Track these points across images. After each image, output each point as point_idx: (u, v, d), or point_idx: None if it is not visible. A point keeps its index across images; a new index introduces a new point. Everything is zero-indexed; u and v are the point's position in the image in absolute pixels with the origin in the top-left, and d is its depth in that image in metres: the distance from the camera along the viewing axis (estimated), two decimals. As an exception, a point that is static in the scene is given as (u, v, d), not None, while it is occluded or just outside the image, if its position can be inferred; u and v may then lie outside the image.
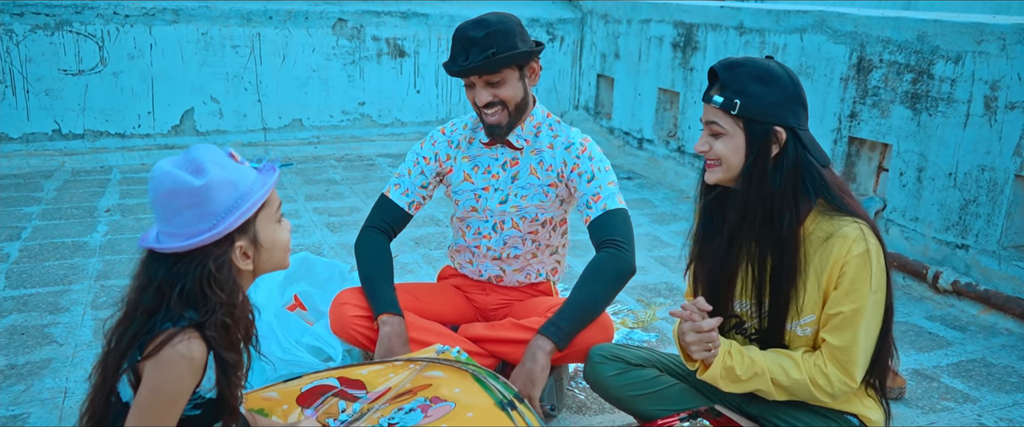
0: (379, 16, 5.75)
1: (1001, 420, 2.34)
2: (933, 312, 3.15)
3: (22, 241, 3.63)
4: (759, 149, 1.62)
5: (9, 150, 5.02)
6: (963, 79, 3.21)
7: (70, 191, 4.52)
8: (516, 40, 2.10)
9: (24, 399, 2.27)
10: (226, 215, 1.37)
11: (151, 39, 5.19)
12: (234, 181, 1.38)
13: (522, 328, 2.24)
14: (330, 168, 5.33)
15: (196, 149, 1.40)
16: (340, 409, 1.76)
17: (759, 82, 1.61)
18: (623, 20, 5.71)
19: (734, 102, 1.61)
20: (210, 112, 5.45)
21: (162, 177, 1.36)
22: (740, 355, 1.71)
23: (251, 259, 1.43)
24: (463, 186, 2.33)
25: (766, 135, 1.61)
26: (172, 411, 1.33)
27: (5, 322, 2.76)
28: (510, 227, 2.31)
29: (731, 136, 1.64)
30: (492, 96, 2.13)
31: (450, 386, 1.82)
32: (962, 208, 3.25)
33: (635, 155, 5.60)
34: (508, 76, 2.12)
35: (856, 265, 1.61)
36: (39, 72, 5.00)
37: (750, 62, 1.63)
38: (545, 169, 2.25)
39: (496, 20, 2.09)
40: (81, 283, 3.14)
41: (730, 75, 1.63)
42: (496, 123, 2.18)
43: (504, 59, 2.06)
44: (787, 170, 1.62)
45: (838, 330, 1.65)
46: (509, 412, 1.74)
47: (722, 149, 1.65)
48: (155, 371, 1.31)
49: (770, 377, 1.70)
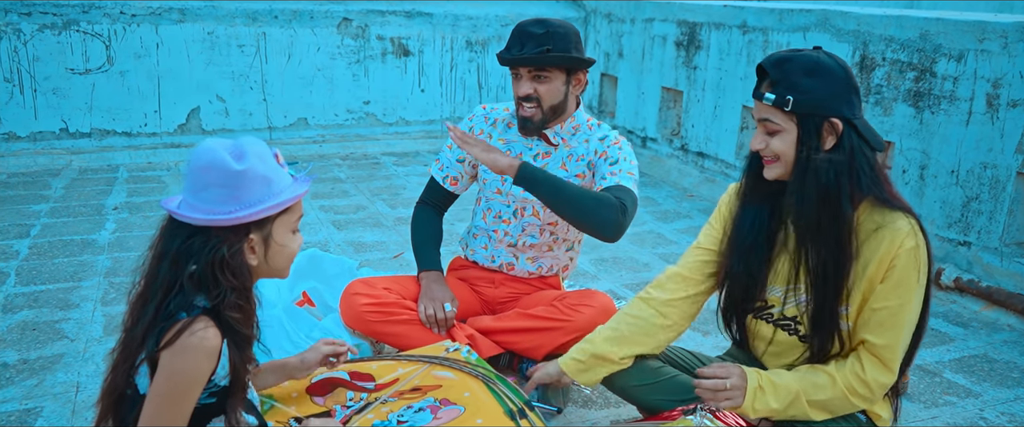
0: (383, 15, 5.77)
1: (1002, 415, 2.36)
2: (935, 308, 3.17)
3: (31, 238, 3.66)
4: (814, 143, 1.60)
5: (17, 148, 5.05)
6: (965, 77, 3.23)
7: (78, 189, 4.55)
8: (571, 46, 2.23)
9: (37, 393, 2.30)
10: (252, 205, 1.39)
11: (157, 38, 5.22)
12: (269, 178, 1.41)
13: (528, 317, 2.28)
14: (335, 167, 5.36)
15: (246, 139, 1.43)
16: (348, 398, 1.79)
17: (809, 76, 1.59)
18: (627, 19, 5.73)
19: (786, 98, 1.59)
20: (216, 111, 5.48)
21: (205, 151, 1.38)
22: (772, 386, 1.69)
23: (257, 256, 1.45)
24: (491, 183, 2.42)
25: (820, 128, 1.60)
26: (189, 398, 1.36)
27: (17, 318, 2.79)
28: (530, 214, 2.40)
29: (786, 132, 1.62)
30: (533, 90, 2.25)
31: (460, 390, 1.85)
32: (964, 205, 3.27)
33: (639, 154, 5.62)
34: (554, 76, 2.25)
35: (906, 259, 1.61)
36: (47, 71, 5.03)
37: (798, 56, 1.62)
38: (575, 161, 2.34)
39: (557, 23, 2.24)
40: (90, 280, 3.17)
41: (779, 71, 1.61)
42: (528, 117, 2.29)
43: (555, 58, 2.20)
44: (843, 162, 1.60)
45: (881, 327, 1.64)
46: (518, 421, 1.76)
47: (778, 146, 1.64)
48: (173, 359, 1.34)
49: (805, 399, 1.68)
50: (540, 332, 2.27)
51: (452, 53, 6.03)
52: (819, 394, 1.67)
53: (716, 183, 4.82)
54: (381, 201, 4.50)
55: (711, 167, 4.94)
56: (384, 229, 3.99)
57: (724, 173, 4.80)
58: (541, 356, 2.29)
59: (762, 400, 1.68)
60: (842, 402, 1.68)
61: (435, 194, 2.54)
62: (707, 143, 4.95)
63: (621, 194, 2.15)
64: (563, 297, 2.33)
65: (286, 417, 1.71)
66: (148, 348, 1.38)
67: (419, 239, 2.49)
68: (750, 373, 1.71)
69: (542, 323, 2.26)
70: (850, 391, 1.66)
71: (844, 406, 1.68)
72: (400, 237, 3.85)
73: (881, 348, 1.64)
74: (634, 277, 3.43)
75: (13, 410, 2.21)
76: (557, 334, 2.24)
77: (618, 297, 3.18)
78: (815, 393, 1.67)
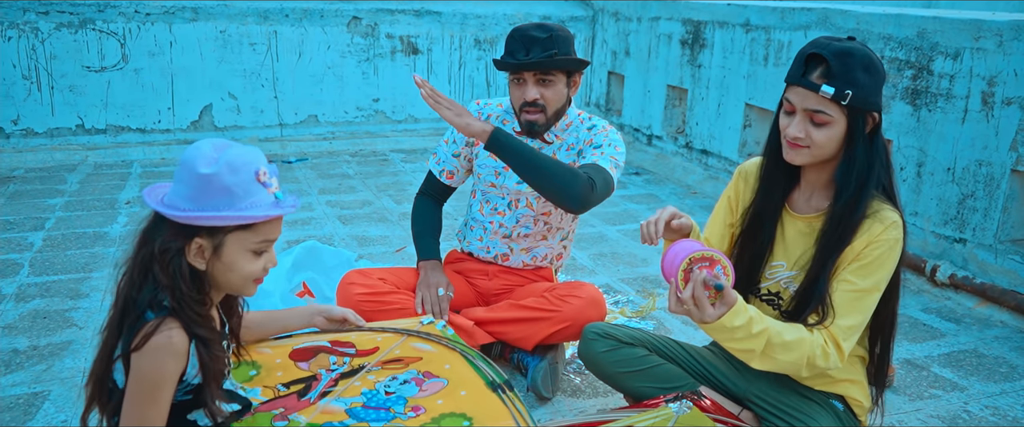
0: (393, 14, 5.85)
1: (987, 408, 2.39)
2: (929, 305, 3.20)
3: (45, 231, 3.77)
4: (861, 136, 1.65)
5: (35, 144, 5.18)
6: (961, 75, 3.25)
7: (92, 184, 4.66)
8: (571, 48, 2.31)
9: (45, 378, 2.39)
10: (199, 210, 1.38)
11: (171, 37, 5.33)
12: (233, 191, 1.39)
13: (519, 307, 2.34)
14: (344, 163, 5.44)
15: (240, 149, 1.42)
16: (331, 361, 1.86)
17: (866, 72, 1.62)
18: (633, 18, 5.77)
19: (846, 93, 1.60)
20: (228, 108, 5.58)
21: (193, 148, 1.41)
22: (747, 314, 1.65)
23: (206, 262, 1.43)
24: (487, 161, 2.48)
25: (863, 123, 1.65)
26: (160, 397, 1.41)
27: (29, 306, 2.89)
28: (524, 206, 2.46)
29: (835, 124, 1.64)
30: (539, 94, 2.30)
31: (440, 362, 1.92)
32: (960, 202, 3.29)
33: (644, 151, 5.66)
34: (558, 79, 2.31)
35: (885, 249, 1.67)
36: (63, 69, 5.15)
37: (857, 50, 1.63)
38: (566, 149, 2.41)
39: (557, 27, 2.30)
40: (101, 271, 3.27)
41: (842, 64, 1.60)
42: (534, 121, 2.34)
43: (562, 61, 2.26)
44: (876, 153, 1.67)
45: (844, 307, 1.68)
46: (500, 394, 1.82)
47: (821, 137, 1.65)
48: (140, 361, 1.38)
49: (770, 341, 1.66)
50: (530, 322, 2.33)
51: (460, 51, 6.10)
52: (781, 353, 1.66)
53: (719, 180, 4.85)
54: (387, 197, 4.58)
55: (715, 164, 4.97)
56: (389, 224, 4.06)
57: (727, 171, 4.84)
58: (531, 346, 2.35)
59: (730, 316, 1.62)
60: (793, 366, 1.68)
61: (433, 187, 2.61)
62: (711, 141, 4.98)
63: (592, 172, 2.20)
64: (552, 289, 2.39)
65: (274, 383, 1.78)
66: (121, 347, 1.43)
67: (418, 229, 2.57)
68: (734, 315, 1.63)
69: (532, 313, 2.32)
70: (810, 360, 1.67)
71: (796, 367, 1.68)
72: (404, 231, 3.92)
73: (843, 329, 1.68)
74: (631, 272, 3.47)
75: (22, 393, 2.30)
76: (545, 324, 2.30)
77: (615, 291, 3.23)
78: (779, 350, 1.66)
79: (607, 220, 4.24)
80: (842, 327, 1.68)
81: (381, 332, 2.05)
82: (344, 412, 1.70)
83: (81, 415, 1.52)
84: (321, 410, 1.70)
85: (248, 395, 1.73)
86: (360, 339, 2.00)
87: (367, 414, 1.69)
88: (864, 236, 1.68)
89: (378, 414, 1.70)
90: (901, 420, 2.30)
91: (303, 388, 1.80)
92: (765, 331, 1.64)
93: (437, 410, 1.72)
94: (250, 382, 1.80)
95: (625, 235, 4.00)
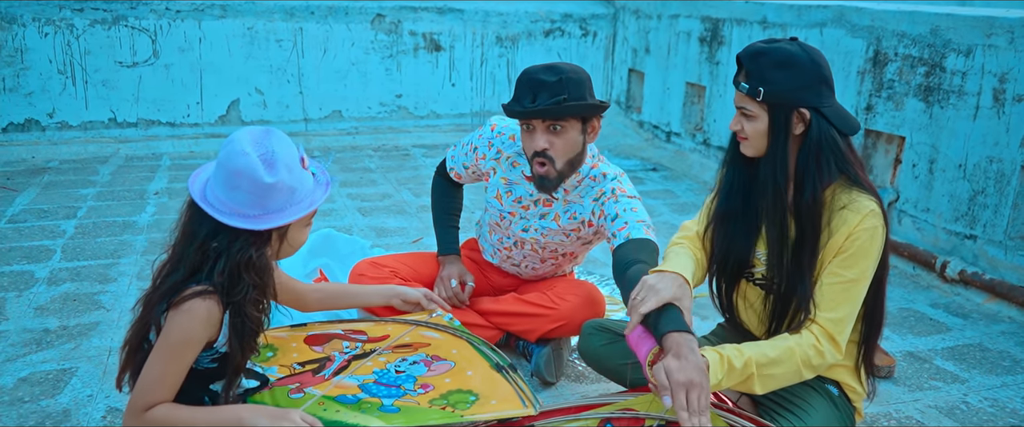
0: (416, 11, 5.95)
1: (986, 400, 2.42)
2: (938, 300, 3.22)
3: (78, 219, 3.92)
4: (782, 130, 1.72)
5: (69, 137, 5.36)
6: (973, 72, 3.26)
7: (123, 175, 4.82)
8: (586, 91, 2.09)
9: (73, 356, 2.51)
10: (275, 214, 1.51)
11: (200, 33, 5.48)
12: (294, 188, 1.53)
13: (521, 302, 2.41)
14: (367, 157, 5.55)
15: (277, 138, 1.52)
16: (344, 346, 1.96)
17: (780, 68, 1.70)
18: (653, 15, 5.81)
19: (758, 90, 1.71)
20: (255, 103, 5.72)
21: (238, 154, 1.48)
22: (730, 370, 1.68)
23: (272, 251, 1.60)
24: (492, 201, 2.42)
25: (789, 117, 1.72)
26: (183, 355, 1.50)
27: (60, 289, 3.03)
28: (529, 250, 2.44)
29: (759, 119, 1.74)
30: (548, 143, 2.10)
31: (448, 347, 2.00)
32: (971, 199, 3.31)
33: (663, 148, 5.70)
34: (570, 126, 2.10)
35: (865, 238, 1.71)
36: (97, 64, 5.32)
37: (772, 50, 1.72)
38: (569, 218, 2.32)
39: (569, 68, 2.08)
40: (129, 257, 3.40)
41: (753, 63, 1.73)
42: (544, 174, 2.16)
43: (573, 107, 2.05)
44: (811, 147, 1.72)
45: (833, 301, 1.73)
46: (505, 374, 1.90)
47: (751, 130, 1.76)
48: (174, 319, 1.50)
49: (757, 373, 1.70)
50: (530, 317, 2.38)
51: (482, 48, 6.18)
52: (774, 368, 1.71)
53: (736, 177, 4.87)
54: (407, 190, 4.68)
55: (732, 161, 5.00)
56: (407, 216, 4.16)
57: (744, 167, 4.86)
58: (533, 339, 2.42)
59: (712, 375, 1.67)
60: (793, 374, 1.74)
61: (445, 173, 2.59)
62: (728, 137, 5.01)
63: (639, 252, 2.02)
64: (553, 286, 2.44)
65: (290, 362, 1.88)
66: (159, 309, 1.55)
67: (438, 216, 2.55)
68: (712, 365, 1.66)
69: (532, 309, 2.38)
70: (805, 362, 1.73)
71: (795, 375, 1.74)
72: (421, 223, 4.01)
73: (834, 322, 1.73)
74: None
75: (51, 369, 2.42)
76: (544, 320, 2.35)
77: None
78: (770, 367, 1.71)
79: (622, 214, 4.29)
80: (833, 320, 1.73)
81: (392, 323, 2.14)
82: (357, 387, 1.79)
83: (116, 378, 1.63)
84: (335, 385, 1.80)
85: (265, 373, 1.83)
86: (371, 328, 2.10)
87: (379, 389, 1.78)
88: (843, 228, 1.72)
89: (389, 390, 1.79)
90: (899, 410, 2.34)
91: (317, 367, 1.89)
92: (749, 361, 1.69)
93: (445, 387, 1.81)
94: (267, 362, 1.90)
95: (639, 229, 4.06)
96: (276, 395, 1.74)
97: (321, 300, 2.08)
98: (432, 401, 1.73)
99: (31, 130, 5.29)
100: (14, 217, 3.92)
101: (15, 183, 4.55)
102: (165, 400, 1.49)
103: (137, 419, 1.48)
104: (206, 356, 1.59)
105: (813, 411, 1.85)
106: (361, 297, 2.17)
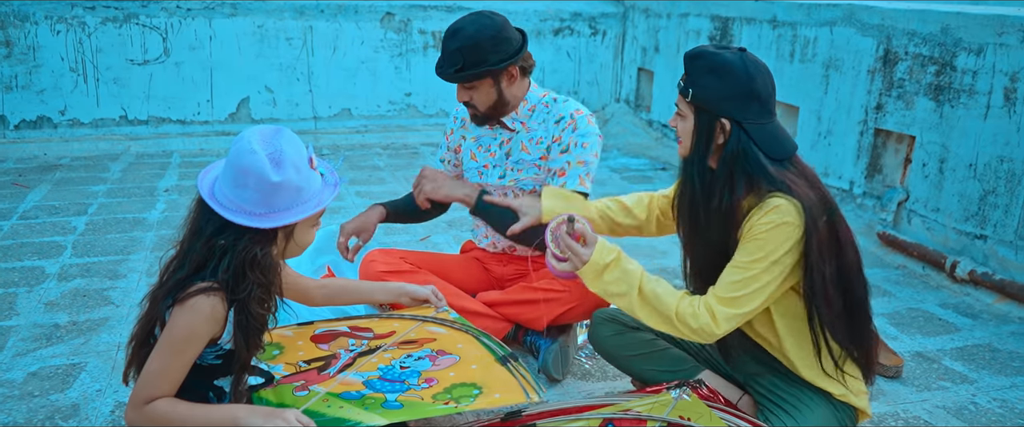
0: (425, 10, 5.96)
1: (994, 400, 2.40)
2: (947, 300, 3.20)
3: (88, 216, 3.94)
4: (704, 135, 1.75)
5: (81, 134, 5.39)
6: (984, 71, 3.24)
7: (134, 172, 4.85)
8: (487, 53, 2.21)
9: (83, 351, 2.53)
10: (282, 213, 1.52)
11: (210, 31, 5.50)
12: (301, 188, 1.53)
13: (532, 290, 2.42)
14: (376, 156, 5.57)
15: (286, 138, 1.52)
16: (350, 343, 1.97)
17: (712, 74, 1.71)
18: (663, 14, 5.80)
19: (688, 90, 1.75)
20: (265, 101, 5.74)
21: (247, 152, 1.49)
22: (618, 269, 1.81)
23: (277, 250, 1.60)
24: (469, 164, 2.53)
25: (711, 125, 1.73)
26: (185, 351, 1.51)
27: (70, 285, 3.05)
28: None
29: (687, 119, 1.79)
30: (468, 97, 2.32)
31: (453, 342, 2.00)
32: (981, 199, 3.29)
33: (672, 147, 5.69)
34: (480, 84, 2.27)
35: (766, 228, 1.69)
36: (108, 62, 5.36)
37: (709, 55, 1.73)
38: (535, 143, 2.41)
39: (472, 31, 2.20)
40: (138, 254, 3.42)
41: (691, 65, 1.76)
42: (474, 115, 2.39)
43: (466, 76, 2.22)
44: (727, 157, 1.74)
45: (722, 280, 1.75)
46: (508, 365, 1.91)
47: (681, 129, 1.81)
48: (178, 314, 1.50)
49: (640, 290, 1.79)
50: (540, 303, 2.40)
51: (492, 47, 6.18)
52: (655, 301, 1.78)
53: (745, 176, 4.86)
54: (415, 188, 4.69)
55: (741, 160, 4.98)
56: (415, 214, 4.17)
57: (753, 166, 4.85)
58: (543, 326, 2.43)
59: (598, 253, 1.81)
60: (664, 318, 1.78)
61: None
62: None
63: None
64: None
65: (295, 360, 1.89)
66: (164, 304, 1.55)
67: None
68: (601, 243, 1.83)
69: (543, 295, 2.40)
70: (679, 315, 1.75)
71: (667, 320, 1.78)
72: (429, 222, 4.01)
73: (719, 298, 1.74)
74: (650, 263, 3.53)
75: (61, 364, 2.44)
76: (555, 305, 2.37)
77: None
78: (652, 297, 1.79)
79: (630, 213, 4.29)
80: (718, 296, 1.75)
81: (399, 319, 2.15)
82: (362, 383, 1.80)
83: (123, 373, 1.64)
84: (340, 382, 1.80)
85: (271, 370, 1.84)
86: (378, 324, 2.10)
87: (383, 385, 1.79)
88: (748, 222, 1.74)
89: (393, 385, 1.79)
90: (906, 410, 2.33)
91: (322, 364, 1.90)
92: (638, 271, 1.81)
93: (449, 381, 1.81)
94: (273, 360, 1.91)
95: (647, 228, 4.05)
96: (281, 392, 1.74)
97: (328, 296, 2.09)
98: (436, 395, 1.73)
99: (43, 127, 5.33)
100: (26, 213, 3.95)
101: (27, 180, 4.59)
102: (166, 394, 1.50)
103: (138, 411, 1.49)
104: (210, 352, 1.60)
105: (809, 413, 1.85)
106: (366, 293, 2.18)
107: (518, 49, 2.29)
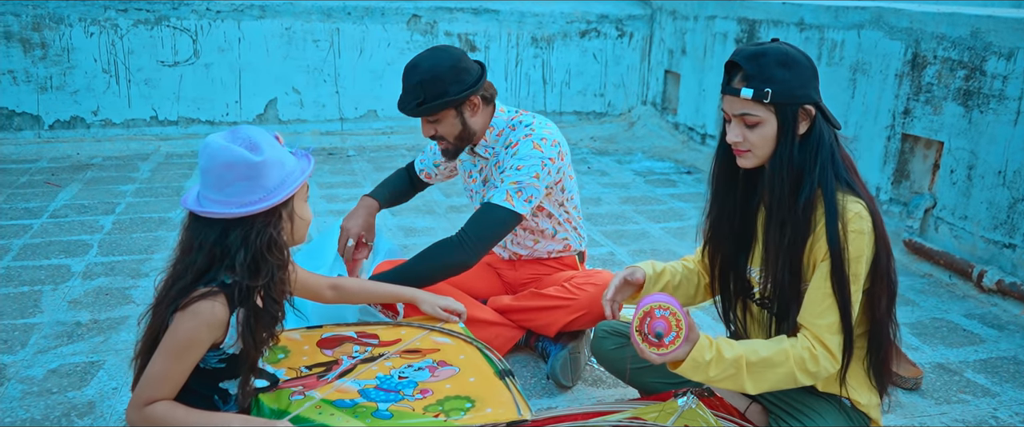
0: (452, 12, 5.98)
1: (1017, 415, 2.34)
2: (973, 310, 3.12)
3: (115, 215, 4.02)
4: (789, 129, 1.68)
5: (112, 134, 5.50)
6: (1015, 76, 3.16)
7: (163, 172, 4.93)
8: (447, 85, 2.21)
9: (102, 349, 2.58)
10: (277, 189, 1.53)
11: (239, 33, 5.58)
12: (282, 161, 1.55)
13: (542, 296, 2.42)
14: (400, 157, 5.59)
15: (247, 128, 1.56)
16: (354, 350, 1.97)
17: (783, 67, 1.66)
18: (690, 16, 5.75)
19: (765, 91, 1.65)
20: (292, 102, 5.81)
21: (220, 150, 1.50)
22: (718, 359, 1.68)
23: (285, 232, 1.60)
24: (467, 186, 2.62)
25: (796, 116, 1.68)
26: (186, 356, 1.52)
27: (94, 283, 3.11)
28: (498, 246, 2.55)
29: (766, 123, 1.68)
30: (433, 130, 2.32)
31: (456, 353, 2.00)
32: (1010, 207, 3.20)
33: (698, 150, 5.64)
34: (444, 116, 2.28)
35: (850, 241, 1.66)
36: (140, 63, 5.45)
37: (769, 49, 1.68)
38: (497, 169, 2.41)
39: (429, 65, 2.20)
40: (162, 253, 3.48)
41: (755, 65, 1.67)
42: (444, 150, 2.39)
43: (429, 108, 2.22)
44: (812, 145, 1.69)
45: (819, 306, 1.68)
46: (506, 381, 1.90)
47: (756, 138, 1.69)
48: (180, 320, 1.51)
49: (743, 355, 1.69)
50: (551, 310, 2.40)
51: (517, 49, 6.18)
52: (767, 369, 1.69)
53: (770, 181, 4.80)
54: (437, 190, 4.70)
55: (767, 165, 4.92)
56: (436, 216, 4.18)
57: (779, 171, 4.78)
58: (553, 332, 2.42)
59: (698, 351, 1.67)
60: (788, 377, 1.69)
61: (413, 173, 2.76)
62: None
63: (473, 222, 2.26)
64: (572, 277, 2.46)
65: (298, 365, 1.90)
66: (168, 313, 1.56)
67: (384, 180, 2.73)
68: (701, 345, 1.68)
69: (552, 302, 2.39)
70: (800, 366, 1.68)
71: (790, 379, 1.70)
72: (450, 224, 4.03)
73: (823, 328, 1.68)
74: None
75: (80, 362, 2.49)
76: (564, 312, 2.37)
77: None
78: (762, 366, 1.68)
79: (651, 217, 4.26)
80: (821, 326, 1.68)
81: (407, 327, 2.15)
82: (357, 391, 1.80)
83: (132, 385, 1.67)
84: (336, 388, 1.81)
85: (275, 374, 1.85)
86: (385, 332, 2.11)
87: (378, 394, 1.79)
88: (822, 227, 1.68)
89: (387, 395, 1.79)
90: (923, 422, 2.28)
91: (323, 370, 1.91)
92: (740, 357, 1.67)
93: (444, 393, 1.81)
94: (277, 364, 1.92)
95: (668, 233, 4.02)
96: (280, 397, 1.75)
97: (338, 296, 2.09)
98: (427, 407, 1.73)
99: (76, 127, 5.44)
100: (56, 212, 4.04)
101: (59, 179, 4.69)
102: (166, 397, 1.52)
103: (137, 412, 1.51)
104: (213, 356, 1.61)
105: (821, 419, 1.82)
106: (379, 295, 2.19)
107: (478, 78, 2.28)
